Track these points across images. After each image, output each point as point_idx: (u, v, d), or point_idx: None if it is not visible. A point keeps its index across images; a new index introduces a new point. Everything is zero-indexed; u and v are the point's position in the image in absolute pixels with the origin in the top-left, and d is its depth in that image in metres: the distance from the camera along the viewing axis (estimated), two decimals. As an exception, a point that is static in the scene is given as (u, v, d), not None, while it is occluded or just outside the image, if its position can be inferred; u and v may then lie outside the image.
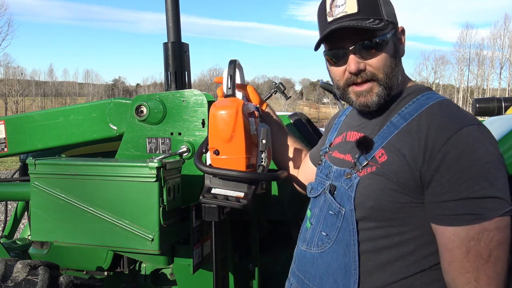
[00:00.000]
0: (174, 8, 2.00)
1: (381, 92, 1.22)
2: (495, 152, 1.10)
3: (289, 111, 3.02)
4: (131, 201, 1.58)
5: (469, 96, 58.03)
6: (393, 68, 1.23)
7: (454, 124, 1.10)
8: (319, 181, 1.40)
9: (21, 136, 2.11)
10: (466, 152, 1.06)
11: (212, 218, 1.46)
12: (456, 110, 1.17)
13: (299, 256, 1.39)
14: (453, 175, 1.07)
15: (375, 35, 1.20)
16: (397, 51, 1.25)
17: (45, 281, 1.65)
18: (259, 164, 1.46)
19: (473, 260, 1.06)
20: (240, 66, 1.61)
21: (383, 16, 1.20)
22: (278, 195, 2.11)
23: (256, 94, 1.66)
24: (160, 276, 2.28)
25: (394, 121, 1.21)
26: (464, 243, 1.06)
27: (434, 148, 1.09)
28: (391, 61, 1.22)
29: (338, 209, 1.24)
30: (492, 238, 1.04)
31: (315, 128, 2.57)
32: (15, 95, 64.64)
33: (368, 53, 1.21)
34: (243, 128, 1.35)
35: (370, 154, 1.21)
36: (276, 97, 3.43)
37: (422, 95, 1.23)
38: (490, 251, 1.05)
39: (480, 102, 2.82)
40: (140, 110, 1.84)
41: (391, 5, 1.27)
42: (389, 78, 1.22)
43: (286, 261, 1.56)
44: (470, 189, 1.05)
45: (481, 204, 1.05)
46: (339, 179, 1.28)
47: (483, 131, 1.12)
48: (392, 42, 1.23)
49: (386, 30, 1.21)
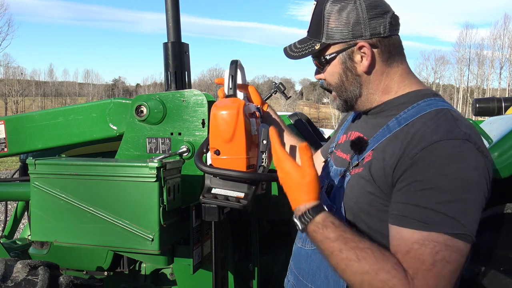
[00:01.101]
0: (174, 8, 2.01)
1: (339, 103, 1.32)
2: (472, 171, 1.03)
3: (289, 111, 3.02)
4: (131, 201, 1.59)
5: (469, 96, 58.02)
6: (341, 85, 1.28)
7: (435, 136, 1.07)
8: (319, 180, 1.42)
9: (21, 136, 2.12)
10: (435, 165, 1.03)
11: (212, 218, 1.46)
12: (449, 122, 1.11)
13: (295, 253, 1.42)
14: (413, 181, 1.05)
15: (315, 55, 1.29)
16: (348, 69, 1.25)
17: (45, 281, 1.65)
18: (259, 165, 1.46)
19: (414, 261, 1.02)
20: (241, 66, 1.61)
21: (321, 39, 1.25)
22: (278, 195, 2.11)
23: (257, 94, 1.67)
24: (160, 276, 2.28)
25: (390, 125, 1.21)
26: (406, 243, 1.04)
27: (408, 156, 1.08)
28: (338, 78, 1.28)
29: (329, 206, 1.27)
30: (438, 251, 1.00)
31: (315, 128, 2.58)
32: (15, 95, 64.65)
33: (321, 68, 1.31)
34: (244, 129, 1.35)
35: (362, 155, 1.23)
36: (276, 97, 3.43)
37: (424, 101, 1.21)
38: (435, 261, 1.01)
39: (480, 102, 2.82)
40: (140, 110, 1.84)
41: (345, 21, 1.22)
42: (341, 91, 1.29)
43: (286, 261, 1.56)
44: (424, 198, 1.03)
45: (430, 215, 1.02)
46: (335, 178, 1.32)
47: (468, 148, 1.05)
48: (338, 60, 1.26)
49: (323, 51, 1.27)
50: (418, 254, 1.02)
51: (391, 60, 1.25)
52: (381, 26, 1.21)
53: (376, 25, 1.21)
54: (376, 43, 1.22)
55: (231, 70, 1.48)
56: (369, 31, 1.21)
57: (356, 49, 1.23)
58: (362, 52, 1.22)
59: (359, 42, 1.21)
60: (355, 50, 1.23)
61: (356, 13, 1.21)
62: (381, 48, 1.23)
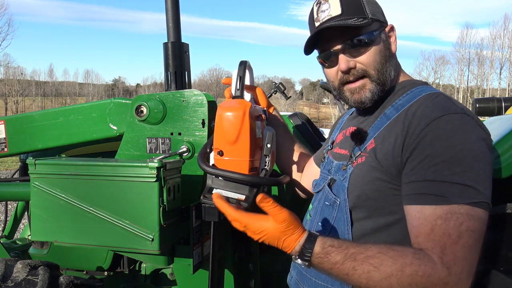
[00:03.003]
0: (174, 8, 2.00)
1: (373, 88, 1.27)
2: (476, 142, 1.07)
3: (289, 111, 3.02)
4: (131, 201, 1.58)
5: (469, 96, 58.00)
6: (383, 64, 1.27)
7: (436, 112, 1.11)
8: (322, 177, 1.45)
9: (21, 136, 2.11)
10: (441, 138, 1.06)
11: (212, 218, 1.46)
12: (445, 101, 1.17)
13: None
14: (424, 158, 1.07)
15: (360, 33, 1.25)
16: (387, 47, 1.29)
17: (45, 281, 1.65)
18: (262, 168, 1.45)
19: (440, 237, 1.03)
20: (250, 67, 1.60)
21: (367, 15, 1.25)
22: (278, 196, 2.11)
23: (264, 97, 1.66)
24: (160, 276, 2.28)
25: (388, 113, 1.24)
26: (429, 220, 1.05)
27: (413, 134, 1.11)
28: (380, 57, 1.27)
29: (333, 200, 1.28)
30: (462, 222, 1.02)
31: (315, 128, 2.58)
32: (15, 95, 64.65)
33: (357, 51, 1.26)
34: (249, 131, 1.34)
35: (363, 145, 1.25)
36: (276, 97, 3.43)
37: (416, 88, 1.26)
38: (460, 233, 1.02)
39: (480, 102, 2.82)
40: (140, 110, 1.84)
41: (377, 4, 1.31)
42: (380, 73, 1.27)
43: (286, 261, 1.56)
44: (438, 172, 1.05)
45: (447, 188, 1.03)
46: (338, 172, 1.33)
47: (468, 121, 1.10)
48: (380, 39, 1.27)
49: (371, 27, 1.26)
50: (443, 229, 1.03)
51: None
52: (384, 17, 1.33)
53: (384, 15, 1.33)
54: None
55: (239, 71, 1.45)
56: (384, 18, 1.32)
57: (389, 29, 1.31)
58: (393, 33, 1.31)
59: (389, 23, 1.31)
60: (387, 30, 1.30)
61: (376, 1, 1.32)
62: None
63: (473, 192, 1.03)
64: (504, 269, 1.42)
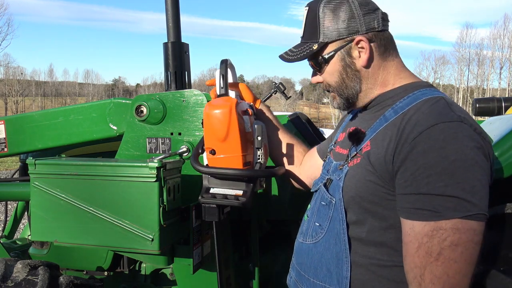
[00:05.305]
0: (174, 8, 2.01)
1: (340, 101, 1.35)
2: (471, 151, 1.05)
3: (289, 111, 3.02)
4: (131, 201, 1.59)
5: (469, 96, 57.98)
6: (342, 81, 1.31)
7: (431, 120, 1.09)
8: (321, 177, 1.45)
9: (21, 136, 2.11)
10: (434, 148, 1.05)
11: (212, 218, 1.46)
12: (443, 107, 1.14)
13: (297, 249, 1.43)
14: (417, 169, 1.06)
15: (313, 57, 1.32)
16: (348, 64, 1.29)
17: (45, 281, 1.65)
18: (256, 161, 1.46)
19: (423, 256, 1.04)
20: (232, 65, 1.61)
21: (318, 39, 1.29)
22: (278, 195, 2.11)
23: (249, 91, 1.67)
24: (160, 276, 2.28)
25: (387, 115, 1.24)
26: (417, 238, 1.05)
27: (406, 142, 1.10)
28: (338, 75, 1.31)
29: (329, 199, 1.28)
30: (446, 238, 1.02)
31: (315, 128, 2.57)
32: (15, 95, 64.62)
33: (319, 68, 1.34)
34: (237, 126, 1.35)
35: (359, 146, 1.25)
36: (276, 97, 3.43)
37: (419, 91, 1.24)
38: (441, 250, 1.02)
39: (480, 102, 2.82)
40: (140, 110, 1.84)
41: (340, 19, 1.27)
42: (341, 90, 1.32)
43: (286, 261, 1.56)
44: (431, 185, 1.04)
45: (441, 202, 1.03)
46: (335, 172, 1.33)
47: (464, 129, 1.07)
48: (337, 58, 1.29)
49: (322, 51, 1.30)
50: (427, 248, 1.04)
51: (386, 53, 1.30)
52: (374, 20, 1.27)
53: (370, 20, 1.27)
54: (372, 37, 1.27)
55: (221, 69, 1.48)
56: (365, 26, 1.26)
57: (354, 45, 1.27)
58: (360, 47, 1.27)
59: (356, 37, 1.26)
60: (353, 46, 1.27)
61: (350, 10, 1.26)
62: (377, 42, 1.28)
63: (467, 205, 1.02)
64: (504, 269, 1.42)
